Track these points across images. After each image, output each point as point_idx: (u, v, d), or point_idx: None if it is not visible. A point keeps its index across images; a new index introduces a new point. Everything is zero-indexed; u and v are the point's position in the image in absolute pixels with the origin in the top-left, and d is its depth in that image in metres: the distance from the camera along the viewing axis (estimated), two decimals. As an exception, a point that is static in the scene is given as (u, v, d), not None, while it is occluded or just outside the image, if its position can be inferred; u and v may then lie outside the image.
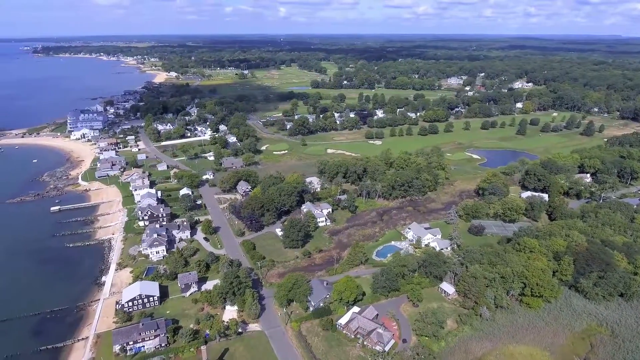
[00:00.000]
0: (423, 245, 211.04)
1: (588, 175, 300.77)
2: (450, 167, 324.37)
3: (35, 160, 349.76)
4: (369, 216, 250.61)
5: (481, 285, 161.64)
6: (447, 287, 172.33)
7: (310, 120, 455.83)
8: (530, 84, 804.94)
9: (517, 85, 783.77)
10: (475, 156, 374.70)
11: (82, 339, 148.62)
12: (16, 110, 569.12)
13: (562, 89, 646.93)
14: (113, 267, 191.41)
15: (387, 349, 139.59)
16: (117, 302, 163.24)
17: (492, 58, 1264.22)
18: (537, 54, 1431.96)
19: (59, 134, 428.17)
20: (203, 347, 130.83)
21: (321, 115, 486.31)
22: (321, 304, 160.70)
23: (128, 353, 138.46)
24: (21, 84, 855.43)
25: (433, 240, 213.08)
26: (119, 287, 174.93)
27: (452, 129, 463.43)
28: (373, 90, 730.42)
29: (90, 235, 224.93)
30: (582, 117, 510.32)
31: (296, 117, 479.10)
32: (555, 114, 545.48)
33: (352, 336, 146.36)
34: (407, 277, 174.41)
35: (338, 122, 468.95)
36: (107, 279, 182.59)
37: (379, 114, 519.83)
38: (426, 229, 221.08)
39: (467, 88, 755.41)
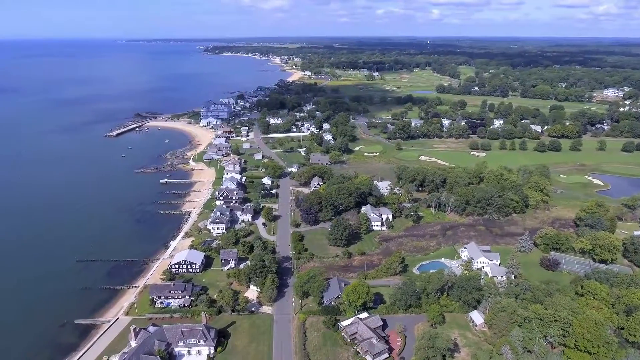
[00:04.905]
0: (474, 268, 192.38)
1: None
2: (554, 189, 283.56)
3: (167, 141, 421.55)
4: (432, 229, 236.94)
5: (509, 321, 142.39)
6: (476, 317, 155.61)
7: (413, 124, 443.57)
8: None
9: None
10: (596, 181, 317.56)
11: (135, 286, 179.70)
12: (170, 99, 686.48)
13: None
14: (181, 235, 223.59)
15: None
16: (169, 263, 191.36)
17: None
18: None
19: (192, 121, 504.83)
20: (203, 313, 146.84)
21: (428, 121, 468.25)
22: (332, 302, 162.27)
23: (157, 305, 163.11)
24: (183, 77, 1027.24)
25: (487, 264, 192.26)
26: (178, 251, 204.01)
27: (581, 147, 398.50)
28: (505, 99, 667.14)
29: (178, 206, 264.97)
30: None
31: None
32: None
33: (349, 340, 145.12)
34: (431, 296, 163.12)
35: (444, 129, 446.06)
36: (173, 243, 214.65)
37: (497, 124, 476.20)
38: (484, 251, 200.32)
39: (627, 102, 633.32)
